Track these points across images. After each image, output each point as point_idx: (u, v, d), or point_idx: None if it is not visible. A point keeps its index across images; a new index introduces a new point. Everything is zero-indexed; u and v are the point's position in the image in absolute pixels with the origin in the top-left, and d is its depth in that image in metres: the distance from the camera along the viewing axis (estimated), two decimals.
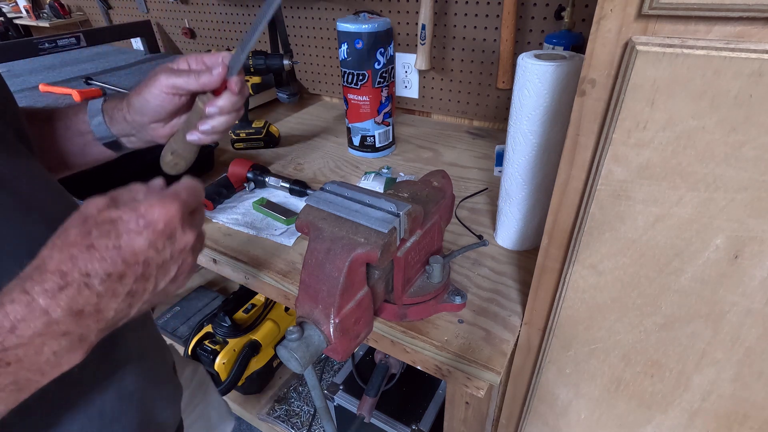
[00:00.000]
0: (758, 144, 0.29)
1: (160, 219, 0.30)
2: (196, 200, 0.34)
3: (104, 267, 0.28)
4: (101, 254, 0.28)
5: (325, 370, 1.41)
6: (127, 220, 0.29)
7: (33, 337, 0.26)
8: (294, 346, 0.39)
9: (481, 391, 0.48)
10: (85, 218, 0.29)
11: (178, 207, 0.31)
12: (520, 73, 0.49)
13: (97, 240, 0.28)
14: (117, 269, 0.28)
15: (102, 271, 0.28)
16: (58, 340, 0.27)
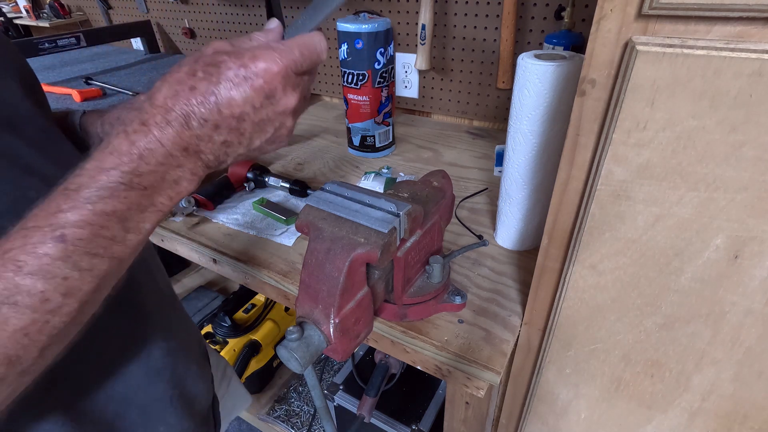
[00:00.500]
0: (758, 144, 0.29)
1: (260, 74, 0.29)
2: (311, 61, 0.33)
3: (201, 112, 0.28)
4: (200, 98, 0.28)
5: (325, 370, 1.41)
6: (229, 67, 0.29)
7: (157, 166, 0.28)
8: (294, 346, 0.39)
9: (481, 391, 0.48)
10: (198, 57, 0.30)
11: (283, 66, 0.30)
12: (520, 73, 0.49)
13: (199, 82, 0.28)
14: (212, 117, 0.29)
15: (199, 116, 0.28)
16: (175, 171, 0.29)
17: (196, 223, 0.71)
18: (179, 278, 1.61)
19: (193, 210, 0.72)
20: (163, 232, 0.70)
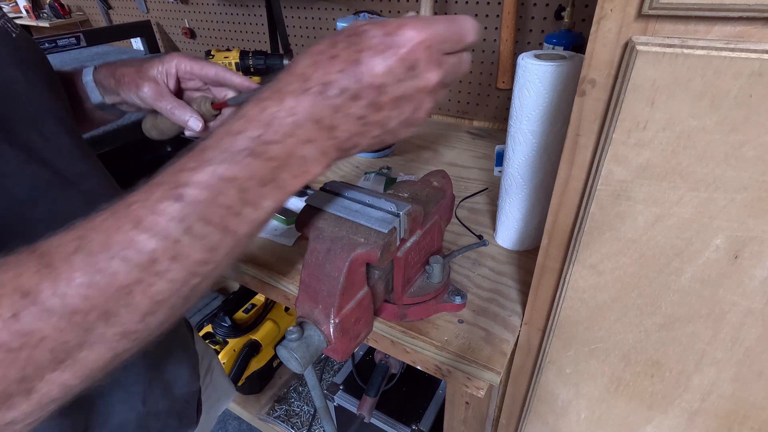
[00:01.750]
0: (758, 144, 0.29)
1: (404, 43, 0.27)
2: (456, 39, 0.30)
3: (340, 81, 0.27)
4: (340, 66, 0.27)
5: (325, 370, 1.41)
6: (373, 35, 0.27)
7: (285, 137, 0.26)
8: (294, 346, 0.39)
9: (481, 391, 0.48)
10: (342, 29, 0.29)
11: (428, 36, 0.28)
12: (520, 73, 0.49)
13: (341, 51, 0.27)
14: (352, 86, 0.27)
15: (338, 84, 0.27)
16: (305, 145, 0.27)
17: None
18: None
19: None
20: None
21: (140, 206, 0.24)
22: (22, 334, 0.21)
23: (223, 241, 0.26)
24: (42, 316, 0.22)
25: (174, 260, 0.24)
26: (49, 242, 0.23)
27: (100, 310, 0.23)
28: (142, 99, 0.53)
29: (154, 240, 0.23)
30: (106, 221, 0.24)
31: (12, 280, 0.22)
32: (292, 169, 0.27)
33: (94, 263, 0.23)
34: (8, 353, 0.21)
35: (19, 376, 0.21)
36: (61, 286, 0.22)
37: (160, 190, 0.24)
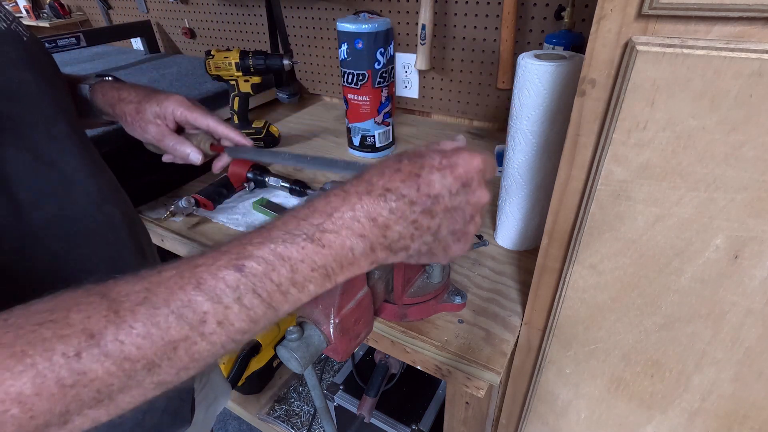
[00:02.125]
0: (758, 144, 0.29)
1: (460, 164, 0.32)
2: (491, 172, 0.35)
3: (401, 189, 0.30)
4: (403, 177, 0.31)
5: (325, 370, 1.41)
6: (433, 157, 0.32)
7: (341, 228, 0.29)
8: (294, 346, 0.39)
9: (481, 391, 0.48)
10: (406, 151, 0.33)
11: (480, 162, 0.33)
12: (520, 73, 0.49)
13: (404, 166, 0.31)
14: (410, 194, 0.31)
15: (398, 191, 0.30)
16: (355, 239, 0.30)
17: (196, 223, 0.71)
18: None
19: (193, 210, 0.72)
20: (163, 232, 0.70)
21: (204, 269, 0.26)
22: (78, 373, 0.23)
23: (265, 316, 0.28)
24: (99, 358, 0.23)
25: (220, 324, 0.26)
26: (118, 288, 0.25)
27: (147, 360, 0.24)
28: (147, 139, 0.60)
29: (209, 303, 0.26)
30: (172, 279, 0.26)
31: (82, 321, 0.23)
32: (341, 259, 0.30)
33: (154, 316, 0.24)
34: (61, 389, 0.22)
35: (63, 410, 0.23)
36: (122, 333, 0.24)
37: (225, 258, 0.27)
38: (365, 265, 0.31)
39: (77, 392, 0.23)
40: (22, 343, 0.22)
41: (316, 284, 0.29)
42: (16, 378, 0.21)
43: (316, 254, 0.28)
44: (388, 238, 0.31)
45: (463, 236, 0.34)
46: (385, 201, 0.30)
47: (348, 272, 0.31)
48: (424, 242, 0.33)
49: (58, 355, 0.22)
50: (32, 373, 0.22)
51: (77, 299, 0.24)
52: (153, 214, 0.73)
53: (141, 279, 0.26)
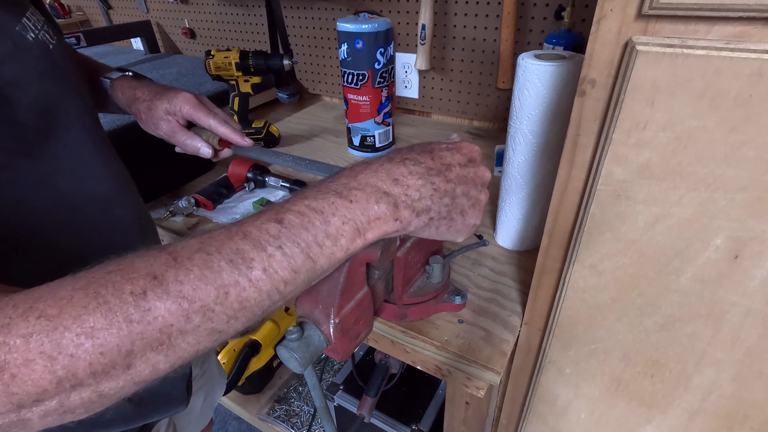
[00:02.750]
0: (758, 144, 0.29)
1: (464, 146, 0.38)
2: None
3: (417, 157, 0.35)
4: (417, 152, 0.36)
5: (325, 370, 1.41)
6: (439, 143, 0.37)
7: (366, 186, 0.32)
8: (294, 346, 0.39)
9: (481, 391, 0.48)
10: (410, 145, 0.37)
11: (477, 148, 0.38)
12: (520, 73, 0.49)
13: (416, 147, 0.37)
14: (425, 161, 0.35)
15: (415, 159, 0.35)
16: (380, 195, 0.33)
17: (196, 223, 0.71)
18: None
19: (193, 210, 0.72)
20: (163, 232, 0.70)
21: (249, 224, 0.29)
22: (144, 310, 0.25)
23: (303, 266, 0.30)
24: (162, 297, 0.25)
25: (265, 271, 0.28)
26: (176, 244, 0.28)
27: (202, 302, 0.26)
28: (160, 135, 0.64)
29: (255, 251, 0.28)
30: (222, 233, 0.29)
31: (146, 267, 0.26)
32: (368, 212, 0.32)
33: (208, 261, 0.27)
34: (129, 324, 0.24)
35: (129, 349, 0.24)
36: (181, 274, 0.26)
37: (266, 214, 0.30)
38: (392, 221, 0.33)
39: (142, 330, 0.24)
40: (95, 286, 0.24)
41: (348, 238, 0.32)
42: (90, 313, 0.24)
43: (344, 207, 0.31)
44: (410, 196, 0.34)
45: (477, 203, 0.38)
46: (404, 165, 0.34)
47: (376, 228, 0.33)
48: (443, 204, 0.35)
49: (126, 294, 0.24)
50: (105, 309, 0.24)
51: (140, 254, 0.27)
52: (153, 214, 0.73)
53: (193, 237, 0.29)
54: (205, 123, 0.62)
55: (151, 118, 0.62)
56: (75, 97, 0.48)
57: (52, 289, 0.24)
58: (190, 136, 0.63)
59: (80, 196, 0.46)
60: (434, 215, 0.35)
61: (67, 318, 0.23)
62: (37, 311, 0.23)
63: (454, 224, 0.37)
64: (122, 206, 0.51)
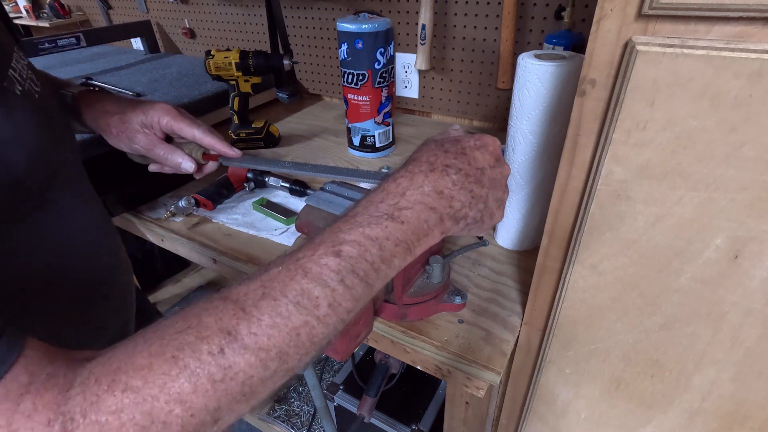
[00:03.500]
0: (758, 144, 0.29)
1: (489, 143, 0.38)
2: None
3: (457, 164, 0.35)
4: (453, 155, 0.35)
5: (325, 370, 1.41)
6: (467, 140, 0.37)
7: (414, 203, 0.33)
8: None
9: (481, 391, 0.48)
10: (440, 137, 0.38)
11: (498, 141, 0.39)
12: (520, 73, 0.49)
13: (449, 147, 0.36)
14: (464, 168, 0.35)
15: (456, 166, 0.35)
16: (428, 212, 0.33)
17: (196, 223, 0.71)
18: (179, 278, 1.61)
19: (193, 210, 0.72)
20: (163, 232, 0.70)
21: (307, 260, 0.29)
22: (225, 368, 0.25)
23: (364, 293, 0.30)
24: (240, 351, 0.25)
25: (330, 306, 0.28)
26: (236, 291, 0.28)
27: (278, 348, 0.26)
28: (135, 150, 0.59)
29: (319, 288, 0.28)
30: (281, 273, 0.28)
31: (216, 322, 0.26)
32: (418, 231, 0.33)
33: (276, 307, 0.27)
34: (213, 384, 0.24)
35: (216, 406, 0.25)
36: (254, 326, 0.26)
37: (323, 247, 0.30)
38: (437, 234, 0.34)
39: (226, 387, 0.25)
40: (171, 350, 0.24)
41: (400, 258, 0.32)
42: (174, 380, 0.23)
43: (397, 230, 0.32)
44: (453, 208, 0.34)
45: (502, 203, 0.39)
46: (447, 175, 0.34)
47: (424, 243, 0.34)
48: (478, 210, 0.36)
49: (205, 354, 0.24)
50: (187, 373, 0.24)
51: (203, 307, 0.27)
52: (153, 214, 0.73)
53: (253, 279, 0.28)
54: (188, 134, 0.58)
55: (124, 132, 0.57)
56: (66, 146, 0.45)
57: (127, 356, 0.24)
58: (170, 149, 0.58)
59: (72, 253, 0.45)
60: (470, 221, 0.36)
61: (153, 387, 0.23)
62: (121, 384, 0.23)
63: (483, 225, 0.38)
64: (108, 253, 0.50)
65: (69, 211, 0.45)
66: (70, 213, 0.45)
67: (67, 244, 0.44)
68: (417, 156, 0.36)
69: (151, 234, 0.73)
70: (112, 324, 0.51)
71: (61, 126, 0.47)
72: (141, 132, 0.57)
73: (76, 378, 0.23)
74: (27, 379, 0.23)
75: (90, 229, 0.48)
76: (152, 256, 1.48)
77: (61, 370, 0.24)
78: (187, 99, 0.98)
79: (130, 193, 0.74)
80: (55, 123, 0.45)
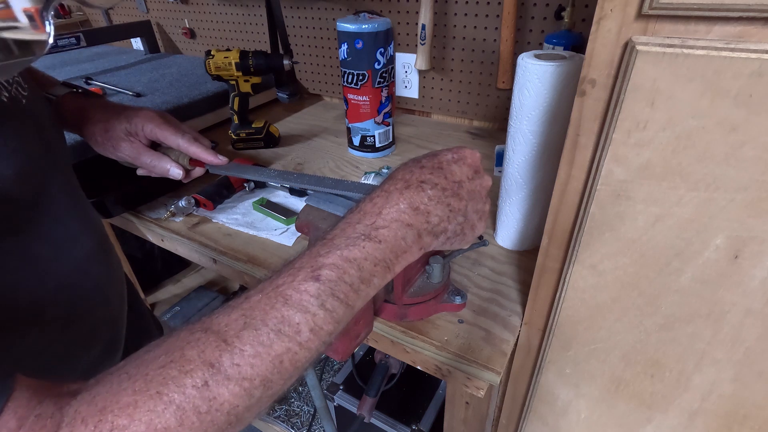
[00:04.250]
0: (758, 144, 0.29)
1: (467, 156, 0.38)
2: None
3: (432, 179, 0.35)
4: (429, 171, 0.36)
5: (325, 370, 1.41)
6: (445, 154, 0.38)
7: (391, 222, 0.33)
8: None
9: (481, 391, 0.48)
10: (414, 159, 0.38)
11: (478, 154, 0.39)
12: (520, 73, 0.49)
13: (425, 162, 0.36)
14: (441, 182, 0.35)
15: (431, 181, 0.35)
16: (405, 229, 0.33)
17: (196, 223, 0.71)
18: (179, 278, 1.61)
19: (193, 210, 0.72)
20: (163, 232, 0.70)
21: (287, 287, 0.29)
22: (210, 399, 0.25)
23: (345, 314, 0.31)
24: (224, 383, 0.25)
25: (312, 331, 0.29)
26: (216, 321, 0.28)
27: (261, 376, 0.27)
28: (121, 158, 0.58)
29: (299, 314, 0.28)
30: (261, 301, 0.29)
31: (199, 355, 0.26)
32: (396, 250, 0.33)
33: (257, 336, 0.27)
34: (199, 416, 0.24)
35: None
36: (236, 357, 0.26)
37: (302, 273, 0.30)
38: (416, 251, 0.35)
39: (212, 418, 0.25)
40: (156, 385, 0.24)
41: (380, 277, 0.32)
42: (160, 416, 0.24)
43: (375, 250, 0.32)
44: (430, 223, 0.34)
45: (483, 215, 0.39)
46: (423, 191, 0.34)
47: (403, 261, 0.34)
48: (458, 223, 0.36)
49: (189, 388, 0.25)
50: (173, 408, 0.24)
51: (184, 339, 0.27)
52: (153, 214, 0.73)
53: (233, 309, 0.28)
54: (172, 143, 0.57)
55: (109, 141, 0.56)
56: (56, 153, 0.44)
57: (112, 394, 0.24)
58: (157, 156, 0.58)
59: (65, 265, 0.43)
60: (450, 234, 0.36)
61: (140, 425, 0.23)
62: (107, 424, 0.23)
63: (464, 238, 0.38)
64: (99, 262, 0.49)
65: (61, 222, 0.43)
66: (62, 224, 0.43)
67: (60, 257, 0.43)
68: (393, 174, 0.36)
69: (151, 234, 0.73)
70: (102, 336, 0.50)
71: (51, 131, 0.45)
72: (125, 140, 0.56)
73: (63, 418, 0.23)
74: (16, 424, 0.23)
75: (82, 239, 0.46)
76: (152, 256, 1.48)
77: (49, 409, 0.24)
78: (187, 99, 0.98)
79: (130, 193, 0.74)
80: (45, 129, 0.44)
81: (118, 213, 0.74)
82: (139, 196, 0.75)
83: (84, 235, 0.47)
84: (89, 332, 0.47)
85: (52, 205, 0.42)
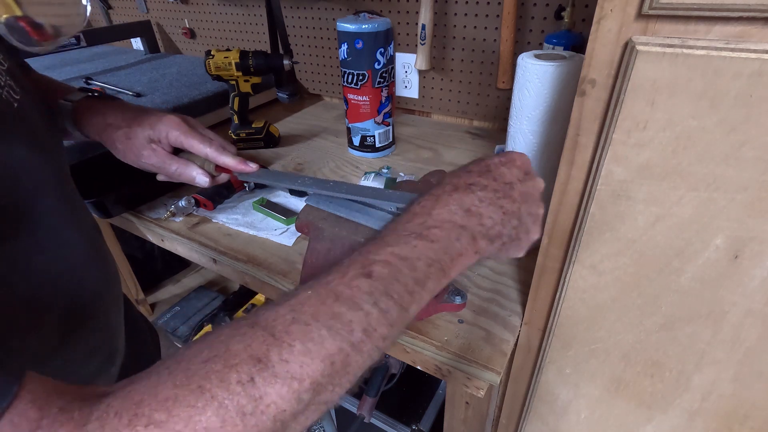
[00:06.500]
0: (758, 144, 0.29)
1: (516, 158, 0.37)
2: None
3: (481, 181, 0.34)
4: (477, 174, 0.35)
5: None
6: (492, 158, 0.37)
7: (443, 222, 0.32)
8: None
9: (481, 391, 0.48)
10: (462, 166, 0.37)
11: (527, 156, 0.38)
12: (520, 73, 0.49)
13: (472, 167, 0.36)
14: (489, 184, 0.34)
15: (480, 183, 0.34)
16: (458, 230, 0.32)
17: (196, 223, 0.71)
18: (179, 278, 1.61)
19: (193, 210, 0.72)
20: (163, 232, 0.70)
21: (338, 283, 0.28)
22: (255, 399, 0.23)
23: (399, 318, 0.29)
24: (271, 380, 0.23)
25: (365, 332, 0.27)
26: (264, 316, 0.26)
27: (311, 378, 0.24)
28: (144, 166, 0.56)
29: (351, 312, 0.26)
30: (311, 297, 0.27)
31: (245, 349, 0.24)
32: (450, 251, 0.31)
33: (307, 332, 0.25)
34: (242, 417, 0.22)
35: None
36: (285, 353, 0.24)
37: (352, 269, 0.29)
38: (472, 254, 0.33)
39: (257, 421, 0.23)
40: (198, 380, 0.22)
41: (434, 280, 0.31)
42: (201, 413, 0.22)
43: (428, 249, 0.30)
44: (484, 225, 0.33)
45: (537, 218, 0.37)
46: (472, 192, 0.33)
47: (459, 265, 0.32)
48: (512, 227, 0.35)
49: (234, 384, 0.22)
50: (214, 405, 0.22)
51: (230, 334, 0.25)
52: (153, 214, 0.73)
53: (281, 304, 0.27)
54: (200, 152, 0.55)
55: (131, 149, 0.54)
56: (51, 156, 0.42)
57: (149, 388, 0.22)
58: (183, 163, 0.56)
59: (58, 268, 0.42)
60: (506, 239, 0.35)
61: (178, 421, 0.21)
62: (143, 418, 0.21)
63: (521, 244, 0.36)
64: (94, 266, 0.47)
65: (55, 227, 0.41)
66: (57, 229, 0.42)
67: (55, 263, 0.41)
68: (441, 180, 0.35)
69: (151, 234, 0.73)
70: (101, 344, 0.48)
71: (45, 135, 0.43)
72: (148, 147, 0.54)
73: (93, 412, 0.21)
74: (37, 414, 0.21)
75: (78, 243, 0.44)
76: (152, 256, 1.48)
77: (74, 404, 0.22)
78: (187, 99, 0.98)
79: (130, 193, 0.74)
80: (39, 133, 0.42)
81: (118, 213, 0.74)
82: (139, 196, 0.75)
83: (79, 242, 0.45)
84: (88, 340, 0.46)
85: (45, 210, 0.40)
